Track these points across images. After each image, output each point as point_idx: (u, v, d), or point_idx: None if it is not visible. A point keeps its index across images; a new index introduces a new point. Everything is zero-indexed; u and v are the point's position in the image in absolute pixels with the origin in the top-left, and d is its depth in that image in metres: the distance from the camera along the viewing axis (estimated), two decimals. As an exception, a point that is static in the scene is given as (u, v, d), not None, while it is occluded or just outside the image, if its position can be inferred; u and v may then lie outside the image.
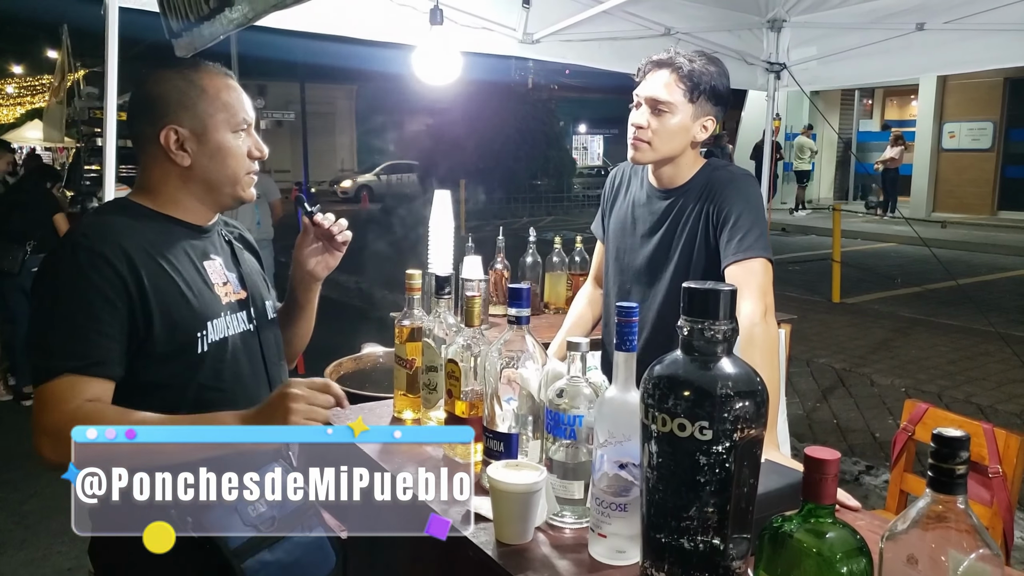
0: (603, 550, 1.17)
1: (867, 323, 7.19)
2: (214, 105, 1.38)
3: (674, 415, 0.97)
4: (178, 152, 1.38)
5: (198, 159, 1.39)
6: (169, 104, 1.37)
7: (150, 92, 1.39)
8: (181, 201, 1.43)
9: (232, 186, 1.43)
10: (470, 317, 1.52)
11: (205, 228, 1.48)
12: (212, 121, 1.38)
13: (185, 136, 1.37)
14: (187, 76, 1.39)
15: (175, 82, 1.38)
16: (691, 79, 1.77)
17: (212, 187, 1.43)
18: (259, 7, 1.60)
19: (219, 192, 1.44)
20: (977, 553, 0.74)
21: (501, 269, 3.01)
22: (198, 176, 1.41)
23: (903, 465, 2.41)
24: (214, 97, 1.39)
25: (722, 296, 1.00)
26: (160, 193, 1.42)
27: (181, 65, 1.42)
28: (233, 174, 1.42)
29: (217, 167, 1.40)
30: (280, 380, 1.54)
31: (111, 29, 2.50)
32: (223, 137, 1.39)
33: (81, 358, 1.26)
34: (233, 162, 1.41)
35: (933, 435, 0.76)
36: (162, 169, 1.40)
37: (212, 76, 1.40)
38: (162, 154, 1.38)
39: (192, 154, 1.38)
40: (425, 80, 2.62)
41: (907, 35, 3.56)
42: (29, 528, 3.54)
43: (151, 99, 1.38)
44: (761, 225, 1.80)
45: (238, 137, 1.41)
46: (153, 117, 1.37)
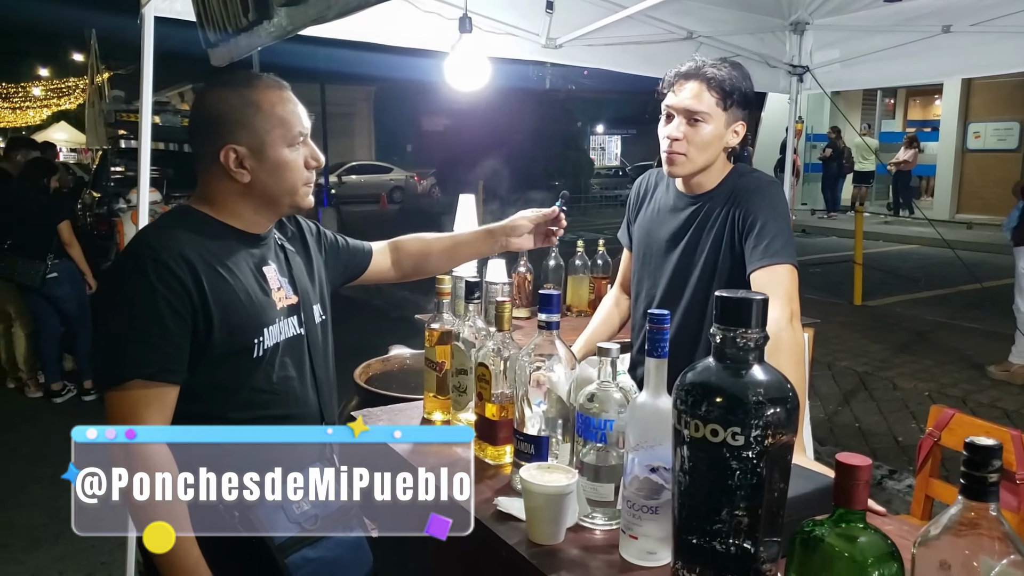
0: (634, 551, 1.19)
1: (889, 326, 7.15)
2: (270, 121, 1.40)
3: (707, 421, 1.00)
4: (238, 170, 1.41)
5: (257, 175, 1.42)
6: (227, 123, 1.39)
7: (208, 111, 1.42)
8: (240, 213, 1.46)
9: (291, 196, 1.47)
10: (500, 322, 1.55)
11: (262, 236, 1.51)
12: (269, 138, 1.40)
13: (244, 154, 1.40)
14: (242, 94, 1.41)
15: (231, 101, 1.40)
16: (722, 87, 1.79)
17: (271, 200, 1.46)
18: (298, 21, 1.64)
19: (278, 203, 1.47)
20: (1009, 559, 0.76)
21: (524, 272, 3.04)
22: (257, 191, 1.44)
23: (928, 471, 2.41)
24: (269, 113, 1.41)
25: (755, 305, 1.02)
26: (220, 204, 1.45)
27: (236, 82, 1.44)
28: (292, 186, 1.45)
29: (276, 182, 1.43)
30: (326, 383, 1.58)
31: (146, 39, 2.55)
32: (280, 152, 1.42)
33: (151, 365, 1.31)
34: (291, 175, 1.44)
35: (966, 444, 0.78)
36: (222, 184, 1.43)
37: (266, 91, 1.42)
38: (222, 171, 1.41)
39: (251, 171, 1.41)
40: (456, 87, 2.66)
41: (932, 38, 3.55)
42: (63, 523, 3.60)
43: (210, 119, 1.41)
44: (786, 231, 1.81)
45: (295, 150, 1.44)
46: (212, 136, 1.40)
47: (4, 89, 32.08)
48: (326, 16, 1.58)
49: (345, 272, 1.79)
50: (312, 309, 1.58)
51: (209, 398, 1.39)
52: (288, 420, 1.48)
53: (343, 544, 1.50)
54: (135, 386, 1.31)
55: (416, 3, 3.00)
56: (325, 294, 1.66)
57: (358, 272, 1.82)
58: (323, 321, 1.61)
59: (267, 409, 1.44)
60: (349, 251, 1.80)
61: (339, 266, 1.77)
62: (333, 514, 1.48)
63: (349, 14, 1.58)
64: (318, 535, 1.45)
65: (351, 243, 1.82)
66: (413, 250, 1.89)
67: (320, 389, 1.56)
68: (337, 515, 1.49)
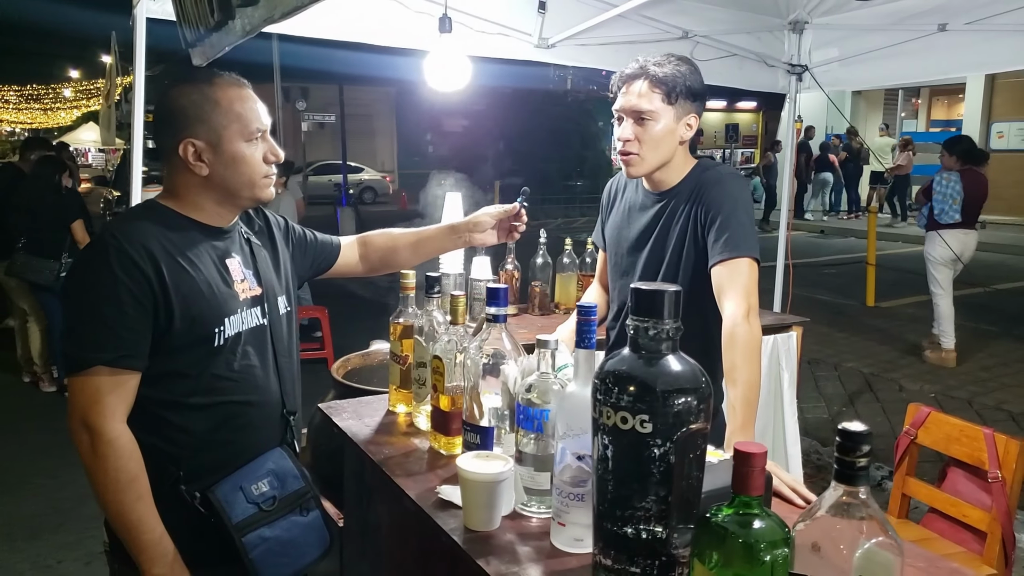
0: (563, 538, 1.22)
1: (899, 327, 7.08)
2: (227, 117, 1.45)
3: (617, 408, 1.02)
4: (196, 163, 1.46)
5: (215, 168, 1.47)
6: (186, 118, 1.44)
7: (169, 106, 1.47)
8: (202, 206, 1.51)
9: (249, 189, 1.51)
10: (455, 315, 1.58)
11: (226, 229, 1.56)
12: (226, 132, 1.45)
13: (201, 148, 1.45)
14: (202, 90, 1.46)
15: (191, 96, 1.45)
16: (665, 83, 1.80)
17: (230, 192, 1.51)
18: (254, 20, 1.69)
19: (237, 196, 1.52)
20: (876, 540, 0.78)
21: (511, 270, 3.07)
22: (216, 183, 1.49)
23: (905, 469, 2.41)
24: (227, 109, 1.46)
25: (667, 296, 1.04)
26: (183, 198, 1.51)
27: (197, 79, 1.49)
28: (249, 180, 1.50)
29: (233, 174, 1.48)
30: (289, 371, 1.63)
31: (139, 39, 2.62)
32: (237, 147, 1.47)
33: (112, 351, 1.36)
34: (247, 169, 1.49)
35: (838, 429, 0.79)
36: (183, 177, 1.49)
37: (226, 88, 1.47)
38: (182, 164, 1.47)
39: (209, 164, 1.46)
40: (435, 87, 2.69)
41: (928, 36, 3.53)
42: (64, 513, 3.71)
43: (170, 113, 1.46)
44: (747, 224, 1.82)
45: (252, 145, 1.49)
46: (172, 130, 1.45)
47: (35, 91, 32.75)
48: (273, 17, 1.63)
49: (313, 265, 1.84)
50: (276, 300, 1.62)
51: (171, 384, 1.44)
52: (249, 406, 1.53)
53: (299, 525, 1.54)
54: (97, 372, 1.36)
55: (406, 3, 3.05)
56: (291, 287, 1.71)
57: (327, 266, 1.88)
58: (288, 312, 1.66)
59: (228, 395, 1.50)
60: (317, 246, 1.85)
61: (307, 260, 1.82)
62: (289, 496, 1.53)
63: (292, 15, 1.63)
64: (275, 514, 1.50)
65: (320, 238, 1.86)
66: (380, 245, 1.94)
67: (283, 377, 1.60)
68: (293, 497, 1.54)
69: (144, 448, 1.40)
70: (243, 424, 1.52)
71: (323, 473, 2.17)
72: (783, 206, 4.47)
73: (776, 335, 3.14)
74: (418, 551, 1.46)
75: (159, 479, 1.42)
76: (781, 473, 1.50)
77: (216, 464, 1.49)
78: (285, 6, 1.58)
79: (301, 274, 1.81)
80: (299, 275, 1.80)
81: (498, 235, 1.93)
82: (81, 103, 32.84)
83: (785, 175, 4.41)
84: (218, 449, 1.49)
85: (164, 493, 1.43)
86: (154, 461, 1.42)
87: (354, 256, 1.92)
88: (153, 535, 1.40)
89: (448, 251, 2.00)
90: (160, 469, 1.43)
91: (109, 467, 1.36)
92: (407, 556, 1.52)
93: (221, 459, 1.49)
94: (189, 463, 1.46)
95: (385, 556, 1.63)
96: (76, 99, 33.10)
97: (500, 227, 1.92)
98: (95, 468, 1.37)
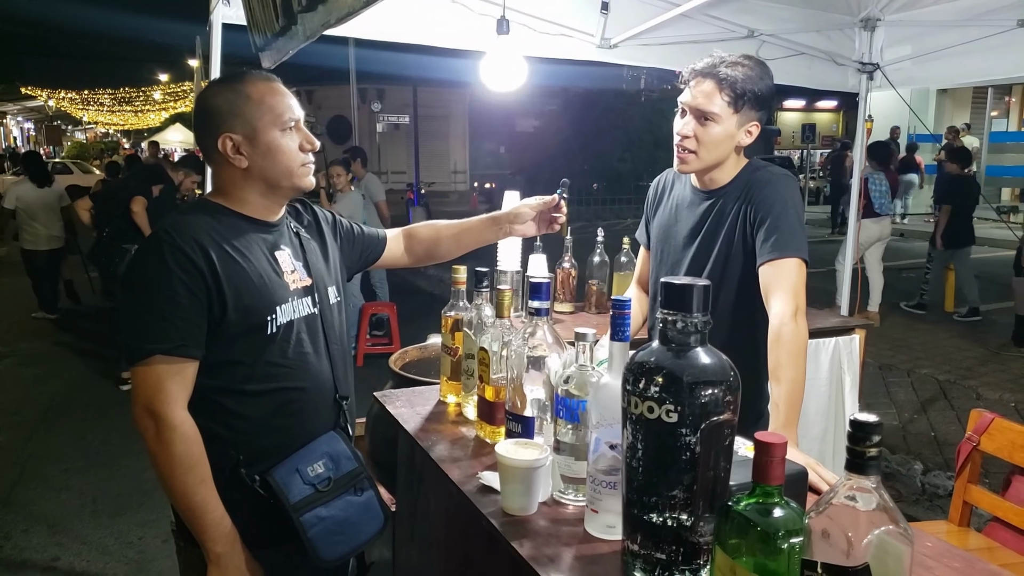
0: (596, 525, 1.26)
1: (980, 333, 6.80)
2: (260, 109, 1.54)
3: (644, 399, 1.06)
4: (235, 156, 1.55)
5: (253, 159, 1.56)
6: (221, 114, 1.54)
7: (205, 106, 1.57)
8: (248, 199, 1.61)
9: (288, 178, 1.59)
10: (500, 309, 1.64)
11: (274, 223, 1.65)
12: (260, 124, 1.54)
13: (239, 141, 1.54)
14: (234, 87, 1.56)
15: (225, 94, 1.55)
16: (734, 89, 1.80)
17: (271, 183, 1.59)
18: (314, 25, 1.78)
19: (278, 185, 1.60)
20: (885, 529, 0.79)
21: (568, 268, 3.11)
22: (256, 175, 1.58)
23: (967, 476, 2.35)
24: (259, 102, 1.55)
25: (695, 291, 1.07)
26: (229, 193, 1.61)
27: (230, 78, 1.59)
28: (287, 168, 1.58)
29: (271, 164, 1.57)
30: (340, 358, 1.71)
31: (215, 42, 2.76)
32: (272, 136, 1.55)
33: (169, 340, 1.45)
34: (284, 157, 1.57)
35: (849, 420, 0.81)
36: (227, 173, 1.59)
37: (256, 83, 1.57)
38: (223, 159, 1.56)
39: (248, 156, 1.55)
40: (491, 87, 2.76)
41: (1006, 32, 3.40)
42: (147, 493, 3.93)
43: (207, 112, 1.56)
44: (796, 225, 1.81)
45: (287, 135, 1.57)
46: (211, 128, 1.55)
47: (127, 94, 34.33)
48: (329, 21, 1.72)
49: (361, 257, 1.93)
50: (327, 291, 1.71)
51: (228, 372, 1.53)
52: (303, 392, 1.61)
53: (354, 504, 1.62)
54: (157, 361, 1.45)
55: (471, 6, 3.12)
56: (340, 278, 1.79)
57: (374, 258, 1.97)
58: (338, 302, 1.75)
59: (283, 382, 1.58)
60: (365, 238, 1.94)
61: (355, 252, 1.91)
62: (343, 477, 1.61)
63: (347, 19, 1.71)
64: (331, 494, 1.58)
65: (367, 231, 1.95)
66: (424, 237, 2.01)
67: (335, 363, 1.69)
68: (347, 478, 1.61)
69: (204, 434, 1.48)
70: (298, 409, 1.59)
71: (380, 460, 2.25)
72: (852, 208, 4.37)
73: (838, 338, 3.09)
74: (460, 534, 1.53)
75: (220, 463, 1.50)
76: (822, 471, 1.51)
77: (273, 448, 1.56)
78: (340, 11, 1.67)
79: (350, 266, 1.90)
80: (348, 267, 1.88)
81: (538, 226, 1.98)
82: (169, 105, 34.29)
83: (855, 176, 4.30)
84: (274, 434, 1.57)
85: (225, 476, 1.51)
86: (214, 446, 1.50)
87: (399, 248, 2.00)
88: (215, 516, 1.48)
89: (490, 242, 2.05)
90: (220, 454, 1.51)
91: (173, 452, 1.44)
92: (450, 538, 1.58)
93: (277, 443, 1.57)
94: (248, 447, 1.54)
95: (431, 538, 1.70)
96: (165, 101, 34.56)
97: (540, 218, 1.96)
98: (160, 453, 1.45)
